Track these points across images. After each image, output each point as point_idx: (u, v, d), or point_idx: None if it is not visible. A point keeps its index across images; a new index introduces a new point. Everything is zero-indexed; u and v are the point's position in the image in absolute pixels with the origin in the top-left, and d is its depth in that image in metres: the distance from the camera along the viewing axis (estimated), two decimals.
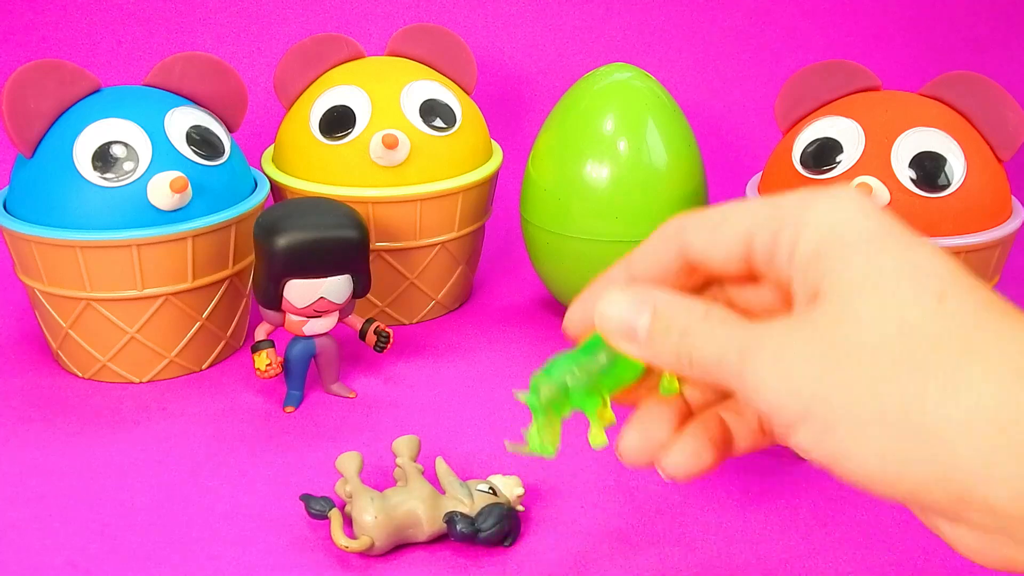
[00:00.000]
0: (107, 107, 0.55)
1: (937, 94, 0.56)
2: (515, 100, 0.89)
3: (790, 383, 0.23)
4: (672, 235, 0.27)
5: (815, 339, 0.23)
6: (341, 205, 0.54)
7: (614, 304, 0.27)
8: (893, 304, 0.22)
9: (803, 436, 0.23)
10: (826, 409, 0.22)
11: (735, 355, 0.24)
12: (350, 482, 0.45)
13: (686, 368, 0.26)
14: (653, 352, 0.26)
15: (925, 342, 0.22)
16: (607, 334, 0.27)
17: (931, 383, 0.21)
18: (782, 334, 0.24)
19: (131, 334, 0.56)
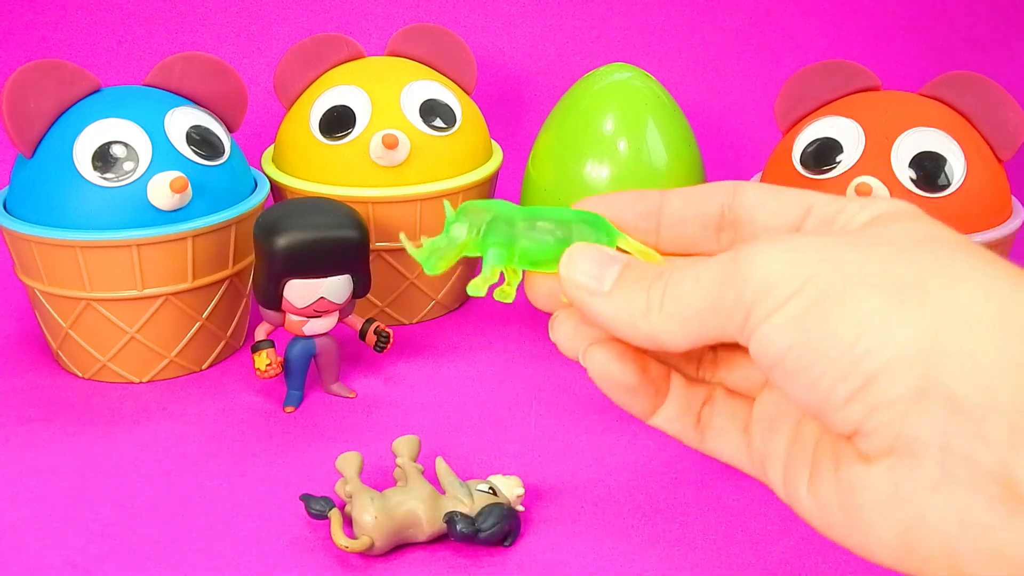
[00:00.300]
0: (107, 107, 0.55)
1: (937, 94, 0.56)
2: (515, 100, 0.89)
3: (791, 255, 0.22)
4: (727, 188, 0.27)
5: (824, 235, 0.23)
6: (341, 205, 0.54)
7: (583, 255, 0.26)
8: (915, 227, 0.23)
9: (790, 310, 0.21)
10: (830, 272, 0.21)
11: (725, 258, 0.23)
12: (350, 482, 0.44)
13: (654, 313, 0.24)
14: (617, 301, 0.25)
15: (939, 241, 0.22)
16: (569, 284, 0.26)
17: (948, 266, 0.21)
18: (787, 235, 0.23)
19: (131, 334, 0.56)
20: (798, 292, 0.21)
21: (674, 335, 0.24)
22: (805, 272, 0.21)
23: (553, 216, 0.27)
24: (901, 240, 0.22)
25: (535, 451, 0.51)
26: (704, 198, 0.27)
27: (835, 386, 0.21)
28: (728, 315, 0.23)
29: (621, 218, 0.27)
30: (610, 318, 0.25)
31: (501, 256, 0.27)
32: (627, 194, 0.28)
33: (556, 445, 0.51)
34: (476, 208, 0.27)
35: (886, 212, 0.24)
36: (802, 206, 0.25)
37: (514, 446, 0.51)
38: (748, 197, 0.26)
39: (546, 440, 0.52)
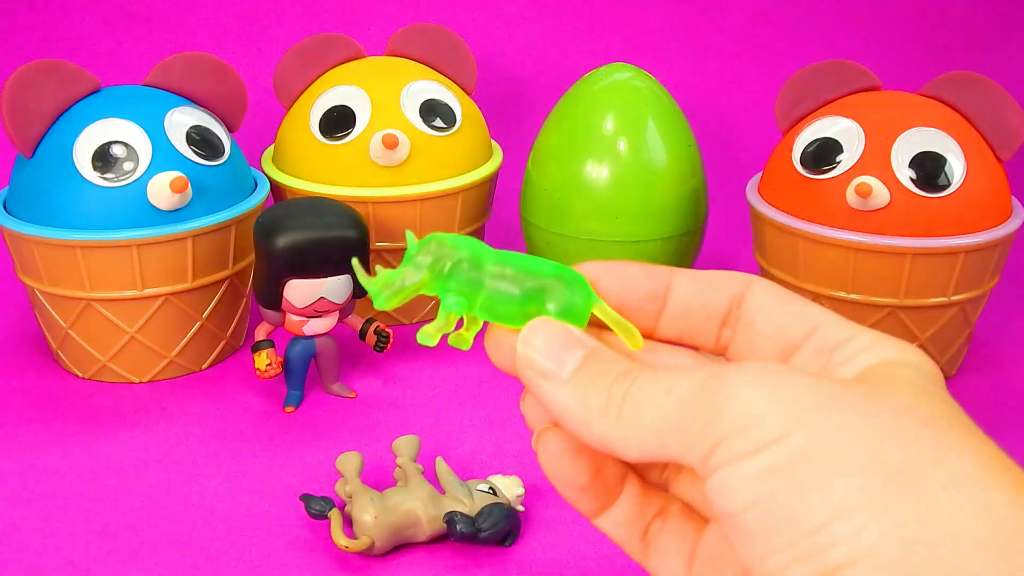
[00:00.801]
0: (107, 107, 0.55)
1: (937, 94, 0.56)
2: (515, 100, 0.89)
3: (777, 396, 0.19)
4: (740, 281, 0.24)
5: (820, 380, 0.20)
6: (341, 205, 0.54)
7: (545, 331, 0.23)
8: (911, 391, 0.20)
9: (762, 461, 0.19)
10: (816, 432, 0.19)
11: (703, 376, 0.21)
12: (350, 482, 0.44)
13: (612, 415, 0.22)
14: (573, 392, 0.22)
15: (945, 426, 0.20)
16: (524, 363, 0.23)
17: (947, 463, 0.19)
18: (779, 368, 0.21)
19: (131, 334, 0.56)
20: (775, 444, 0.19)
21: (628, 444, 0.21)
22: (789, 423, 0.19)
23: (527, 267, 0.24)
24: (903, 414, 0.19)
25: (535, 451, 0.51)
26: (715, 288, 0.24)
27: (791, 566, 0.19)
28: (693, 441, 0.20)
29: (625, 296, 0.25)
30: (562, 409, 0.22)
31: (460, 304, 0.24)
32: (636, 269, 0.25)
33: None
34: (443, 243, 0.24)
35: (894, 361, 0.21)
36: (808, 325, 0.23)
37: (514, 446, 0.51)
38: (757, 297, 0.24)
39: None
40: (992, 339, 0.63)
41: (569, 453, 0.24)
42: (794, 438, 0.19)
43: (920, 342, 0.55)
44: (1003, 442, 0.21)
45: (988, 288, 0.56)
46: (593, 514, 0.25)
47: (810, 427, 0.19)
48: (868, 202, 0.52)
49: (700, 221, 0.62)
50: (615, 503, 0.25)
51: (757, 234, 0.60)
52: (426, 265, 0.24)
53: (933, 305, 0.54)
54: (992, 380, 0.59)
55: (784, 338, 0.23)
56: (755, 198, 0.59)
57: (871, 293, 0.54)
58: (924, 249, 0.52)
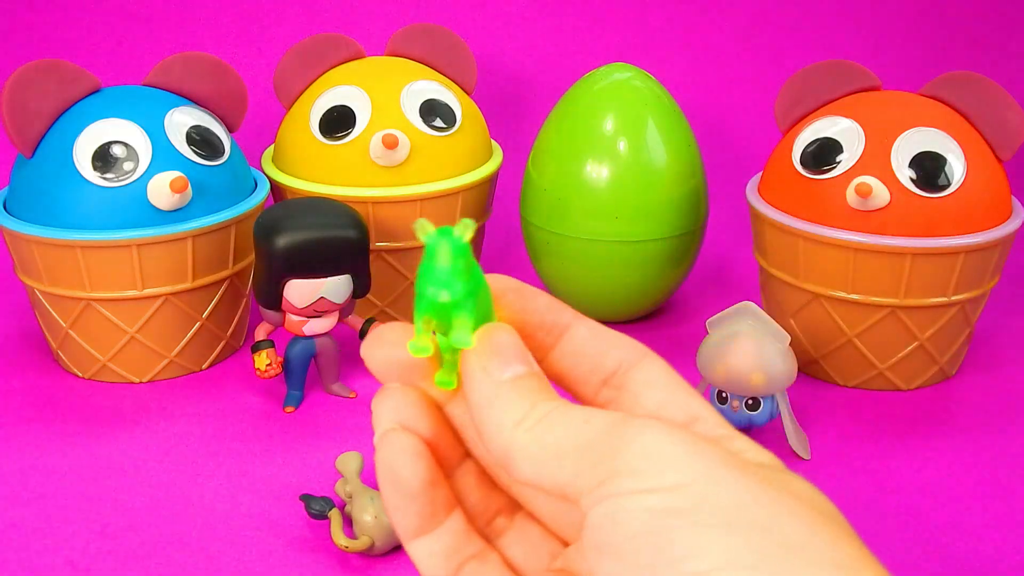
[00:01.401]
0: (107, 107, 0.55)
1: (937, 94, 0.56)
2: (515, 100, 0.89)
3: (682, 450, 0.20)
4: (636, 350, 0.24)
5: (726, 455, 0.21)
6: (341, 205, 0.54)
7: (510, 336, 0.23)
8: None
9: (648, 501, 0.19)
10: (707, 491, 0.19)
11: (622, 415, 0.21)
12: (350, 482, 0.44)
13: (524, 427, 0.22)
14: (499, 394, 0.22)
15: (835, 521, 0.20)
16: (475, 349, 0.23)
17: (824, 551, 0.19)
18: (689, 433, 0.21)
19: (131, 334, 0.56)
20: (666, 491, 0.19)
21: (525, 459, 0.21)
22: (686, 475, 0.19)
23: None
24: (801, 500, 0.20)
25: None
26: (610, 346, 0.24)
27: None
28: (590, 467, 0.20)
29: (524, 319, 0.24)
30: (482, 403, 0.22)
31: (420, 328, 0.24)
32: (542, 299, 0.25)
33: None
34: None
35: (775, 466, 0.22)
36: (689, 414, 0.23)
37: None
38: (649, 372, 0.24)
39: None
40: (992, 339, 0.63)
41: (412, 453, 0.24)
42: (690, 488, 0.19)
43: (920, 342, 0.55)
44: (1003, 442, 0.21)
45: (988, 288, 0.56)
46: (411, 533, 0.24)
47: (709, 482, 0.19)
48: (868, 202, 0.52)
49: (700, 221, 0.62)
50: (435, 529, 0.24)
51: (757, 234, 0.60)
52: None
53: (933, 305, 0.54)
54: (992, 380, 0.59)
55: (663, 417, 0.23)
56: (755, 198, 0.58)
57: (871, 293, 0.54)
58: (924, 249, 0.52)
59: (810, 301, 0.56)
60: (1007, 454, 0.52)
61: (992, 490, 0.48)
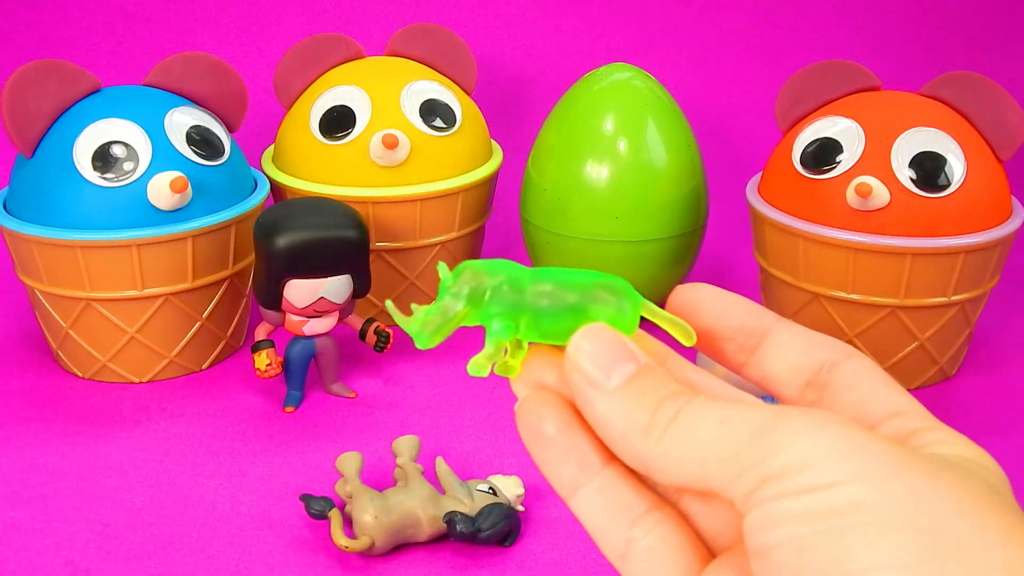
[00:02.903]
0: (107, 107, 0.55)
1: (937, 94, 0.56)
2: (515, 100, 0.89)
3: (840, 446, 0.19)
4: (841, 350, 0.24)
5: (891, 444, 0.20)
6: (341, 205, 0.54)
7: (597, 339, 0.22)
8: None
9: (807, 502, 0.19)
10: (872, 487, 0.19)
11: (768, 412, 0.20)
12: (350, 482, 0.44)
13: (655, 434, 0.21)
14: (617, 404, 0.21)
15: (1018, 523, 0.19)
16: (571, 366, 0.22)
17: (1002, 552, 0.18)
18: (848, 420, 0.20)
19: (131, 334, 0.56)
20: (827, 488, 0.18)
21: (667, 467, 0.21)
22: (847, 472, 0.18)
23: (568, 279, 0.23)
24: (970, 493, 0.19)
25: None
26: (811, 348, 0.24)
27: None
28: (740, 473, 0.20)
29: (724, 324, 0.24)
30: (602, 420, 0.22)
31: (507, 329, 0.23)
32: (743, 303, 0.24)
33: None
34: (478, 271, 0.23)
35: (971, 458, 0.21)
36: (893, 408, 0.22)
37: (514, 446, 0.51)
38: (849, 372, 0.23)
39: None
40: (992, 339, 0.63)
41: (551, 402, 0.23)
42: (849, 487, 0.18)
43: (920, 342, 0.55)
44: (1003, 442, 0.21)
45: (988, 288, 0.56)
46: (569, 487, 0.23)
47: (869, 480, 0.18)
48: (868, 202, 0.52)
49: (700, 221, 0.62)
50: (592, 479, 0.23)
51: (757, 234, 0.60)
52: (464, 295, 0.23)
53: (933, 305, 0.54)
54: (992, 380, 0.59)
55: (864, 413, 0.23)
56: (755, 198, 0.58)
57: (871, 293, 0.54)
58: (924, 249, 0.52)
59: (810, 301, 0.56)
60: (1007, 454, 0.52)
61: None
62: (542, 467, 0.23)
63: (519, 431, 0.24)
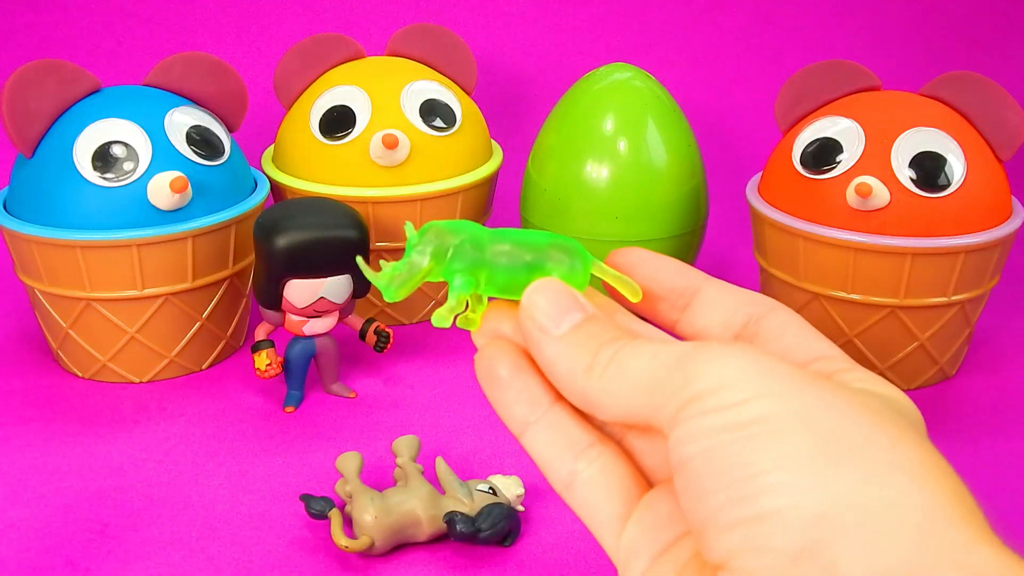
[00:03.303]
0: (107, 107, 0.55)
1: (937, 94, 0.56)
2: (515, 100, 0.89)
3: (750, 367, 0.21)
4: (765, 304, 0.25)
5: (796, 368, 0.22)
6: (341, 205, 0.54)
7: (547, 291, 0.24)
8: None
9: (721, 417, 0.20)
10: (777, 400, 0.20)
11: (688, 345, 0.22)
12: (350, 482, 0.44)
13: (596, 373, 0.23)
14: (564, 348, 0.23)
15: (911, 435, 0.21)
16: (524, 315, 0.24)
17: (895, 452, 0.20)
18: (760, 349, 0.22)
19: (131, 334, 0.56)
20: (737, 405, 0.20)
21: (606, 401, 0.23)
22: (755, 388, 0.20)
23: (525, 239, 0.25)
24: (870, 408, 0.21)
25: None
26: (738, 303, 0.26)
27: (726, 506, 0.20)
28: (664, 400, 0.21)
29: (654, 281, 0.26)
30: (550, 361, 0.24)
31: (468, 284, 0.25)
32: (672, 264, 0.26)
33: None
34: (441, 230, 0.25)
35: (884, 394, 0.23)
36: (815, 354, 0.24)
37: (514, 446, 0.51)
38: (774, 323, 0.25)
39: None
40: (992, 339, 0.63)
41: (506, 348, 0.25)
42: (756, 402, 0.20)
43: (920, 342, 0.55)
44: (1003, 442, 0.22)
45: (988, 288, 0.56)
46: (521, 424, 0.25)
47: (773, 396, 0.20)
48: (868, 202, 0.52)
49: (700, 221, 0.62)
50: (542, 416, 0.25)
51: (757, 234, 0.60)
52: (429, 252, 0.25)
53: (933, 305, 0.54)
54: (992, 380, 0.59)
55: (790, 359, 0.24)
56: (755, 198, 0.58)
57: (871, 293, 0.54)
58: (924, 249, 0.52)
59: (810, 301, 0.56)
60: (1007, 454, 0.52)
61: (993, 490, 0.48)
62: (496, 407, 0.26)
63: (477, 375, 0.26)
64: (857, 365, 0.24)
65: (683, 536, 0.23)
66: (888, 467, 0.19)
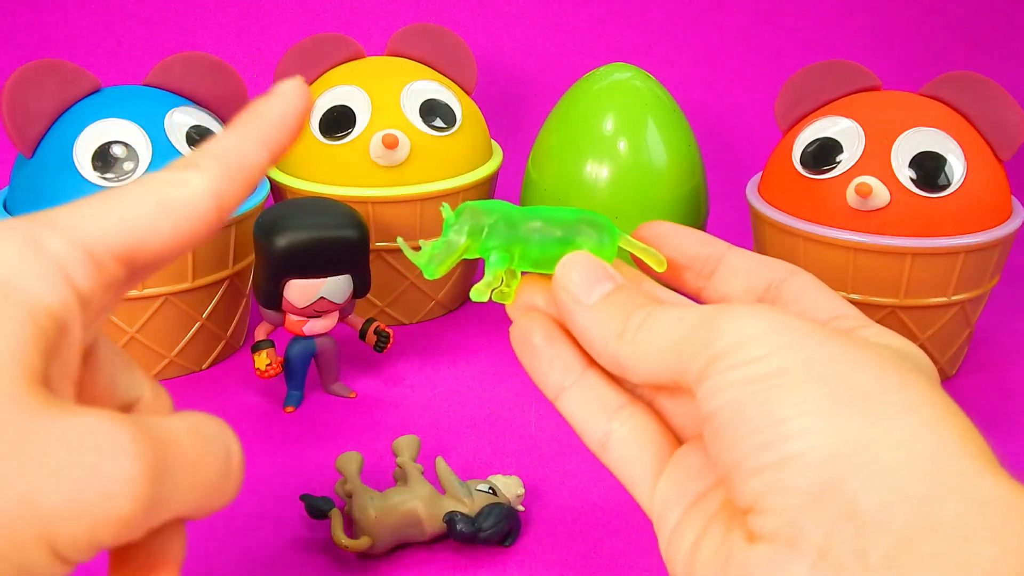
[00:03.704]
0: (107, 107, 0.55)
1: (937, 94, 0.56)
2: (515, 100, 0.89)
3: (769, 324, 0.22)
4: (786, 269, 0.27)
5: (814, 323, 0.23)
6: (341, 205, 0.54)
7: (579, 264, 0.26)
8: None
9: (745, 371, 0.22)
10: (796, 353, 0.22)
11: (711, 307, 0.24)
12: (350, 482, 0.45)
13: (627, 338, 0.25)
14: (596, 316, 0.25)
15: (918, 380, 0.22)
16: (557, 286, 0.26)
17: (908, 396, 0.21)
18: (780, 309, 0.24)
19: (131, 334, 0.56)
20: (760, 359, 0.22)
21: (637, 363, 0.24)
22: (775, 343, 0.22)
23: (555, 216, 0.27)
24: (883, 356, 0.22)
25: (535, 451, 0.51)
26: (760, 268, 0.27)
27: (752, 453, 0.21)
28: (691, 358, 0.23)
29: (679, 251, 0.28)
30: (583, 329, 0.25)
31: (503, 260, 0.27)
32: (696, 233, 0.28)
33: (556, 445, 0.52)
34: (476, 210, 0.27)
35: (897, 348, 0.24)
36: (833, 313, 0.26)
37: (514, 446, 0.51)
38: (794, 286, 0.27)
39: (546, 440, 0.52)
40: (992, 339, 0.63)
41: (540, 318, 0.27)
42: (778, 356, 0.22)
43: (920, 342, 0.55)
44: (1003, 442, 0.22)
45: (988, 288, 0.56)
46: (556, 390, 0.27)
47: (792, 349, 0.22)
48: (868, 202, 0.52)
49: (700, 221, 0.62)
50: (576, 381, 0.27)
51: (757, 234, 0.60)
52: (466, 231, 0.26)
53: (933, 305, 0.54)
54: (992, 380, 0.59)
55: (807, 317, 0.25)
56: (755, 198, 0.58)
57: (871, 293, 0.54)
58: (924, 249, 0.52)
59: None
60: (1007, 454, 0.51)
61: None
62: (532, 374, 0.27)
63: (512, 345, 0.27)
64: (872, 322, 0.25)
65: (713, 487, 0.25)
66: (897, 407, 0.21)
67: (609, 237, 0.27)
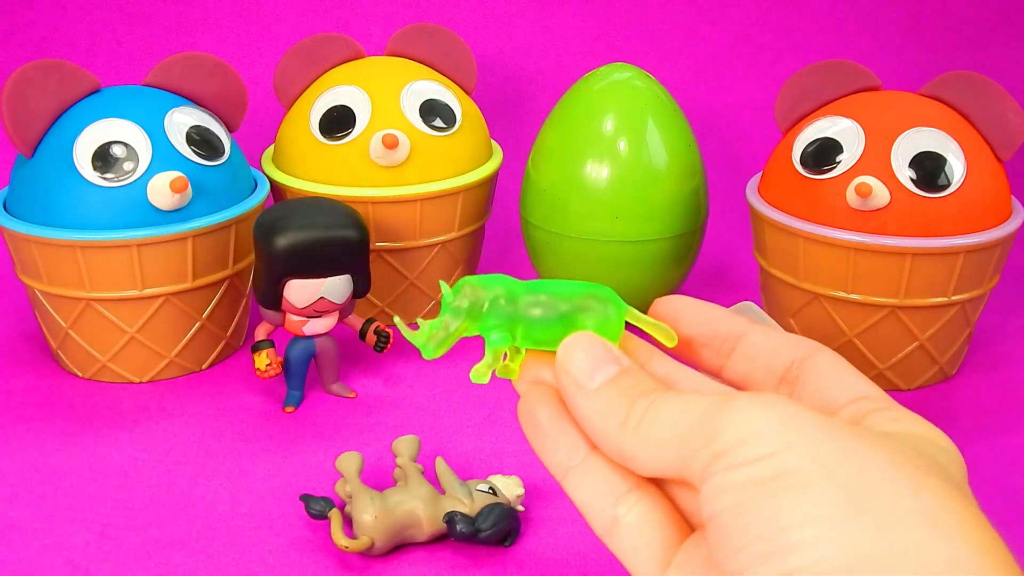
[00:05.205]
0: (107, 107, 0.55)
1: (937, 94, 0.56)
2: (515, 100, 0.89)
3: (777, 419, 0.21)
4: (808, 347, 0.26)
5: (823, 415, 0.22)
6: (341, 205, 0.54)
7: (582, 346, 0.25)
8: None
9: (749, 472, 0.21)
10: (804, 451, 0.20)
11: (716, 398, 0.22)
12: (350, 482, 0.45)
13: (630, 427, 0.23)
14: (598, 402, 0.24)
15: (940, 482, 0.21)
16: (559, 370, 0.25)
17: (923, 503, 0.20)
18: (788, 399, 0.22)
19: (131, 334, 0.56)
20: (764, 458, 0.21)
21: (641, 456, 0.23)
22: (782, 440, 0.21)
23: (558, 291, 0.26)
24: (895, 453, 0.21)
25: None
26: (781, 347, 0.26)
27: (756, 563, 0.20)
28: (695, 453, 0.22)
29: (696, 328, 0.27)
30: (585, 417, 0.24)
31: (503, 339, 0.26)
32: (714, 310, 0.27)
33: None
34: (475, 286, 0.26)
35: (920, 435, 0.23)
36: (855, 395, 0.24)
37: (514, 446, 0.51)
38: (816, 365, 0.25)
39: None
40: (992, 339, 0.63)
41: (546, 394, 0.26)
42: (782, 455, 0.20)
43: (920, 342, 0.55)
44: (1003, 442, 0.22)
45: (988, 288, 0.56)
46: (562, 469, 0.26)
47: (798, 448, 0.21)
48: (868, 202, 0.52)
49: (700, 221, 0.62)
50: (582, 460, 0.25)
51: (757, 234, 0.60)
52: (464, 309, 0.25)
53: (933, 305, 0.54)
54: (992, 380, 0.59)
55: (830, 400, 0.25)
56: (755, 198, 0.59)
57: (871, 293, 0.54)
58: (924, 249, 0.52)
59: (810, 301, 0.56)
60: (1007, 454, 0.52)
61: (992, 490, 0.48)
62: (538, 452, 0.26)
63: (519, 420, 0.26)
64: (895, 403, 0.24)
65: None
66: (911, 516, 0.19)
67: (615, 311, 0.26)
